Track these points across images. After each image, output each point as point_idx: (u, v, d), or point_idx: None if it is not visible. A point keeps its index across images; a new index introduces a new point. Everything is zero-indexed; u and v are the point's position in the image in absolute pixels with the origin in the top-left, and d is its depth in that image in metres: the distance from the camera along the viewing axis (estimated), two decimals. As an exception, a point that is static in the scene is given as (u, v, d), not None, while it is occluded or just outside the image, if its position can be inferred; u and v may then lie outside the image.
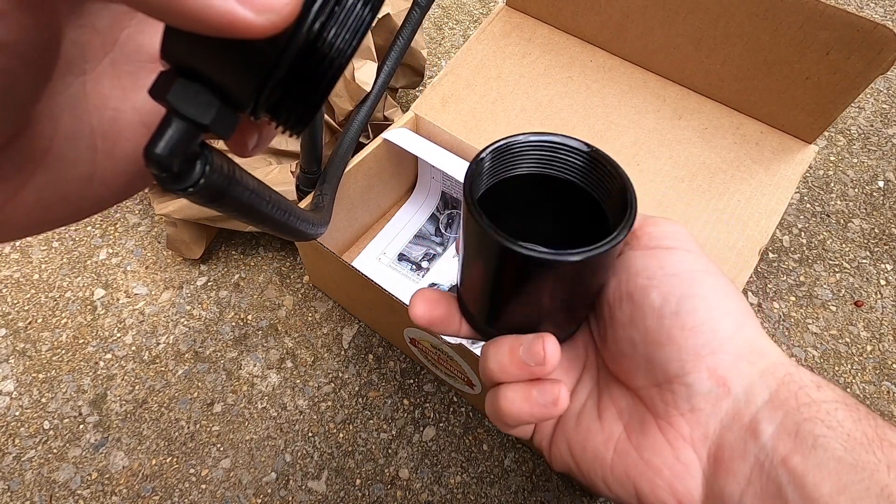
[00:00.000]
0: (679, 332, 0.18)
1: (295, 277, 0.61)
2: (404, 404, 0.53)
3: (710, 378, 0.18)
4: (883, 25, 0.43)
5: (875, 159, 0.73)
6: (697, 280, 0.19)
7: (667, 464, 0.19)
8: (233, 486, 0.49)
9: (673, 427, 0.19)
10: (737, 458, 0.17)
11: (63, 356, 0.55)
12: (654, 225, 0.21)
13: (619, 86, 0.59)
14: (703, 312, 0.19)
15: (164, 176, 0.14)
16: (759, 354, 0.19)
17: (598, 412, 0.22)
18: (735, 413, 0.18)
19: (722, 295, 0.19)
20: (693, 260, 0.20)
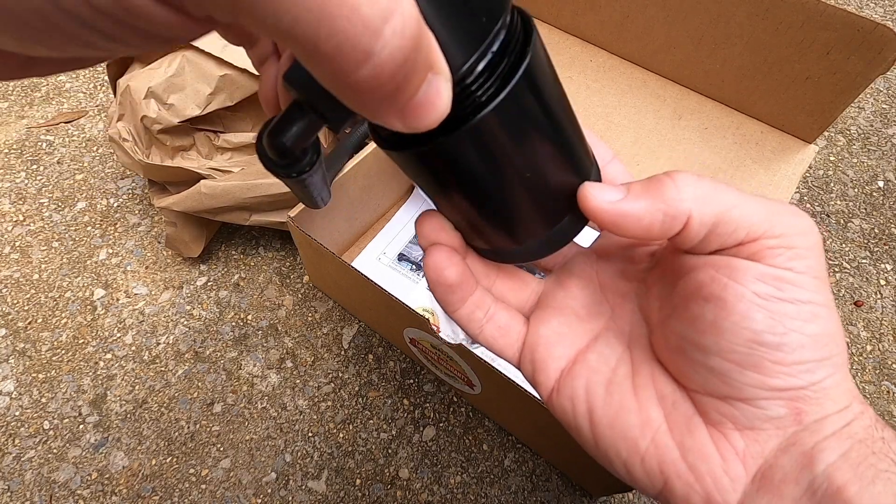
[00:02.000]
0: (772, 365, 0.16)
1: (295, 277, 0.61)
2: (404, 404, 0.53)
3: (784, 407, 0.17)
4: (883, 25, 0.43)
5: (875, 159, 0.73)
6: (814, 316, 0.17)
7: (712, 474, 0.17)
8: (233, 486, 0.49)
9: (726, 439, 0.17)
10: (789, 482, 0.16)
11: (63, 356, 0.55)
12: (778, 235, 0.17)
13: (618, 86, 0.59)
14: (807, 353, 0.16)
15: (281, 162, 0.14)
16: (844, 394, 0.17)
17: (634, 388, 0.20)
18: (798, 439, 0.17)
19: (831, 337, 0.17)
20: (817, 289, 0.17)
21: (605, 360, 0.21)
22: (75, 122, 0.72)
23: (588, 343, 0.21)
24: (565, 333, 0.21)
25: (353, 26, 0.09)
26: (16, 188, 0.66)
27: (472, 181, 0.16)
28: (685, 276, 0.18)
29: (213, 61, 0.51)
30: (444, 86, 0.12)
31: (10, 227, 0.63)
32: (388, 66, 0.10)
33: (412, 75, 0.11)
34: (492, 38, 0.13)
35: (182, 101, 0.51)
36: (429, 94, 0.11)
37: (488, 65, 0.14)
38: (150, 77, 0.51)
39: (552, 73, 0.16)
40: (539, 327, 0.22)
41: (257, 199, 0.52)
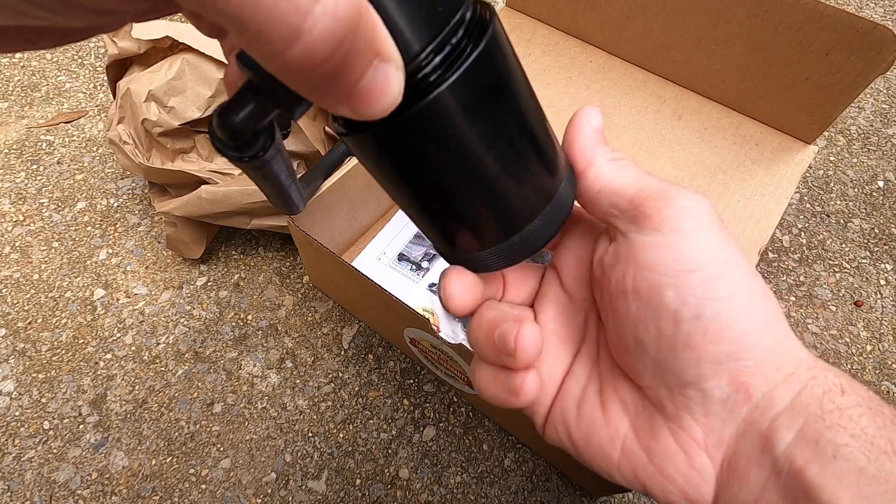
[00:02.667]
0: (699, 338, 0.16)
1: (295, 277, 0.61)
2: (404, 404, 0.53)
3: (729, 384, 0.17)
4: (883, 26, 0.43)
5: (875, 159, 0.73)
6: (722, 277, 0.17)
7: (680, 472, 0.17)
8: (233, 486, 0.49)
9: (685, 432, 0.18)
10: (752, 465, 0.16)
11: (63, 356, 0.55)
12: (666, 200, 0.17)
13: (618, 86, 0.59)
14: (727, 316, 0.16)
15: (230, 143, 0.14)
16: (786, 357, 0.17)
17: (602, 403, 0.20)
18: (753, 419, 0.17)
19: (749, 293, 0.17)
20: (716, 249, 0.17)
21: (577, 381, 0.21)
22: (75, 122, 0.72)
23: (568, 367, 0.21)
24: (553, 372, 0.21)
25: (279, 4, 0.09)
26: (16, 188, 0.66)
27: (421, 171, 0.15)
28: (606, 278, 0.19)
29: (213, 64, 0.51)
30: (394, 73, 0.11)
31: (10, 227, 0.63)
32: (320, 46, 0.10)
33: (353, 59, 0.10)
34: (451, 29, 0.13)
35: (182, 103, 0.51)
36: (376, 80, 0.11)
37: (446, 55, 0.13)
38: (150, 80, 0.51)
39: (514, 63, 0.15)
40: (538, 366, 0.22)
41: (258, 203, 0.52)
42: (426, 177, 0.16)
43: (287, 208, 0.21)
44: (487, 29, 0.14)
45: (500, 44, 0.14)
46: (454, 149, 0.15)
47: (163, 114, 0.51)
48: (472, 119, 0.14)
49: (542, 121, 0.17)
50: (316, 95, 0.11)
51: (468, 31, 0.14)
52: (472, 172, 0.16)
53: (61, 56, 0.79)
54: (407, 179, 0.16)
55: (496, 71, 0.14)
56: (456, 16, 0.13)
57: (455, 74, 0.13)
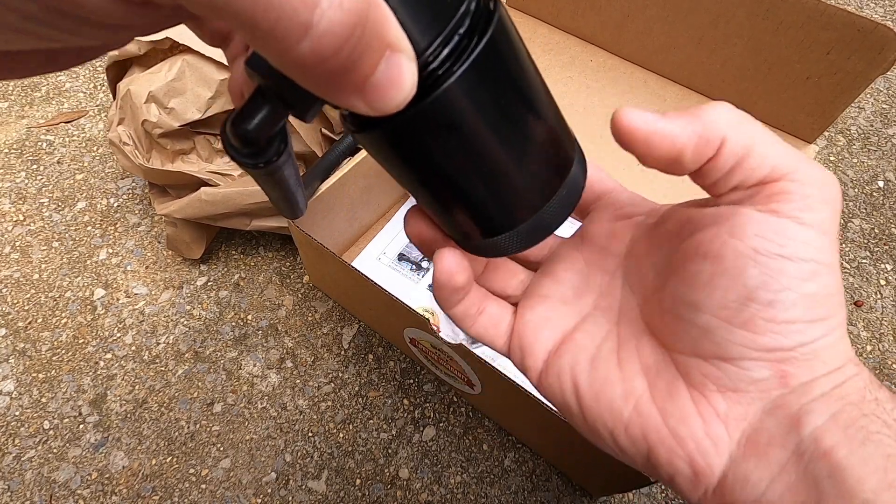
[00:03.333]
0: (764, 322, 0.16)
1: (295, 277, 0.61)
2: (404, 404, 0.53)
3: (769, 369, 0.16)
4: (883, 25, 0.43)
5: (875, 159, 0.73)
6: (815, 275, 0.16)
7: (693, 437, 0.17)
8: (233, 485, 0.49)
9: (707, 400, 0.17)
10: (775, 445, 0.16)
11: (63, 356, 0.55)
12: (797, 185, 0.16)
13: (619, 85, 0.59)
14: (799, 312, 0.16)
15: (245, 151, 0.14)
16: (835, 356, 0.17)
17: (619, 361, 0.19)
18: (784, 402, 0.16)
19: (828, 299, 0.16)
20: (820, 248, 0.16)
21: (591, 337, 0.21)
22: (75, 122, 0.72)
23: (576, 324, 0.21)
24: (552, 317, 0.21)
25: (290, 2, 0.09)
26: (16, 188, 0.66)
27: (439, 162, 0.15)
28: (688, 237, 0.18)
29: (213, 65, 0.51)
30: (407, 64, 0.11)
31: (10, 227, 0.63)
32: (329, 39, 0.10)
33: (364, 52, 0.10)
34: (458, 19, 0.13)
35: (182, 105, 0.51)
36: (389, 73, 0.11)
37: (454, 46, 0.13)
38: (150, 81, 0.51)
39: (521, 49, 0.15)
40: (525, 313, 0.22)
41: (257, 204, 0.52)
42: (441, 168, 0.16)
43: (292, 213, 0.21)
44: (493, 17, 0.14)
45: (506, 31, 0.14)
46: (468, 139, 0.15)
47: (163, 115, 0.51)
48: (485, 108, 0.14)
49: (551, 102, 0.17)
50: (329, 92, 0.11)
51: (475, 21, 0.13)
52: (486, 160, 0.16)
53: (61, 56, 0.79)
54: (422, 172, 0.16)
55: (504, 58, 0.14)
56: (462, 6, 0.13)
57: (464, 65, 0.13)
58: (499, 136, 0.15)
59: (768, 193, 0.16)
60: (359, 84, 0.11)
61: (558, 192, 0.18)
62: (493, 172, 0.16)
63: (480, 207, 0.17)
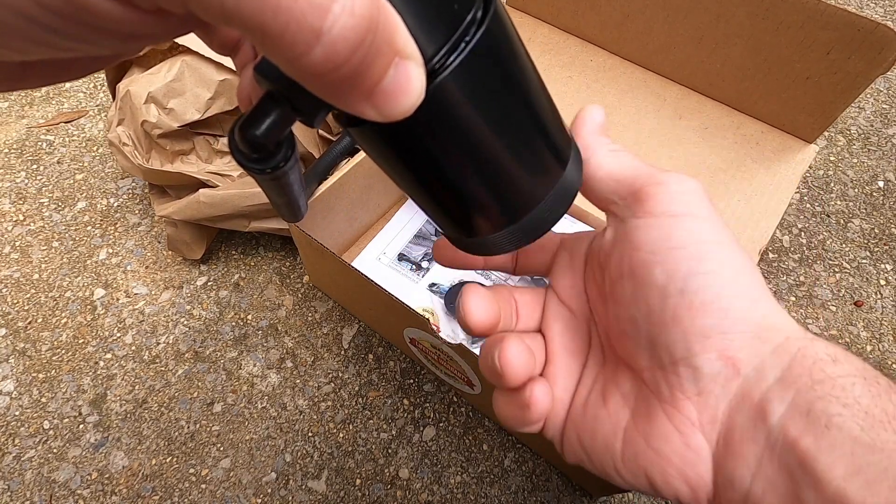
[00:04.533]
0: (685, 311, 0.17)
1: (295, 277, 0.61)
2: (404, 404, 0.53)
3: (718, 359, 0.17)
4: (884, 25, 0.43)
5: (875, 159, 0.73)
6: (707, 253, 0.17)
7: (676, 452, 0.18)
8: (233, 485, 0.49)
9: (680, 412, 0.18)
10: (747, 440, 0.16)
11: (63, 356, 0.55)
12: (659, 186, 0.18)
13: (619, 85, 0.59)
14: (712, 290, 0.17)
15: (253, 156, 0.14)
16: (773, 330, 0.17)
17: (604, 399, 0.20)
18: (744, 393, 0.17)
19: (734, 270, 0.17)
20: (703, 229, 0.18)
21: (585, 386, 0.22)
22: (75, 122, 0.72)
23: (579, 378, 0.22)
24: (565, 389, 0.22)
25: (298, 4, 0.09)
26: (16, 188, 0.66)
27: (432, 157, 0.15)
28: (606, 266, 0.20)
29: (212, 66, 0.51)
30: (415, 71, 0.11)
31: (10, 227, 0.63)
32: (341, 45, 0.10)
33: (374, 58, 0.10)
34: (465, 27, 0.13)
35: (182, 105, 0.51)
36: (398, 79, 0.11)
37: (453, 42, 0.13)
38: (149, 82, 0.51)
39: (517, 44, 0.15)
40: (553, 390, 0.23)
41: (256, 206, 0.52)
42: (437, 164, 0.16)
43: (293, 216, 0.21)
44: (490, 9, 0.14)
45: (502, 25, 0.14)
46: (463, 133, 0.15)
47: (162, 115, 0.51)
48: (480, 102, 0.14)
49: (548, 99, 0.17)
50: (339, 98, 0.11)
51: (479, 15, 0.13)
52: (481, 155, 0.16)
53: (61, 56, 0.79)
54: (417, 168, 0.16)
55: (500, 53, 0.14)
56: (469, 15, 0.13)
57: (458, 58, 0.13)
58: (494, 131, 0.15)
59: (638, 200, 0.19)
60: (368, 90, 0.11)
61: (555, 188, 0.18)
62: (488, 168, 0.16)
63: (475, 204, 0.17)
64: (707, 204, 0.19)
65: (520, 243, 0.19)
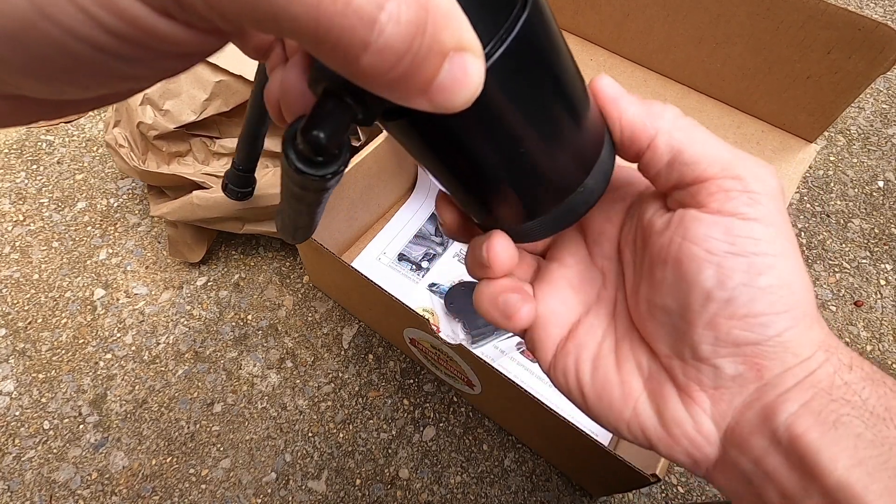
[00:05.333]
0: (724, 320, 0.16)
1: (295, 277, 0.61)
2: (404, 404, 0.53)
3: (743, 364, 0.17)
4: (884, 25, 0.43)
5: (875, 159, 0.73)
6: (767, 268, 0.16)
7: (686, 436, 0.18)
8: (233, 486, 0.49)
9: (694, 401, 0.18)
10: (754, 434, 0.17)
11: (63, 356, 0.55)
12: (736, 181, 0.17)
13: (619, 85, 0.58)
14: (758, 306, 0.16)
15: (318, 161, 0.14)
16: (806, 346, 0.17)
17: (617, 362, 0.20)
18: (761, 394, 0.17)
19: (788, 288, 0.16)
20: (770, 238, 0.16)
21: (593, 334, 0.21)
22: (75, 122, 0.72)
23: (580, 317, 0.22)
24: (559, 311, 0.22)
25: (348, 19, 0.09)
26: (16, 188, 0.66)
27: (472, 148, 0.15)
28: (650, 242, 0.19)
29: (208, 68, 0.51)
30: (473, 62, 0.11)
31: (10, 227, 0.63)
32: (388, 52, 0.10)
33: (424, 57, 0.11)
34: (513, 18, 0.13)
35: (178, 107, 0.51)
36: (453, 73, 0.11)
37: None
38: None
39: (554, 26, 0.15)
40: (537, 305, 0.22)
41: (249, 209, 0.52)
42: (475, 155, 0.15)
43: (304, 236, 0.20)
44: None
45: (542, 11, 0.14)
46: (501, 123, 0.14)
47: (158, 117, 0.51)
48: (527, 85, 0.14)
49: (583, 84, 0.17)
50: (394, 94, 0.11)
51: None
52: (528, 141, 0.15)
53: (61, 55, 0.79)
54: (454, 159, 0.16)
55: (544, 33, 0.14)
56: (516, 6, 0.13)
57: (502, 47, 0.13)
58: (535, 119, 0.15)
59: (709, 192, 0.17)
60: (423, 87, 0.11)
61: (592, 174, 0.18)
62: (535, 154, 0.16)
63: (513, 194, 0.17)
64: (781, 207, 0.17)
65: (552, 231, 0.19)
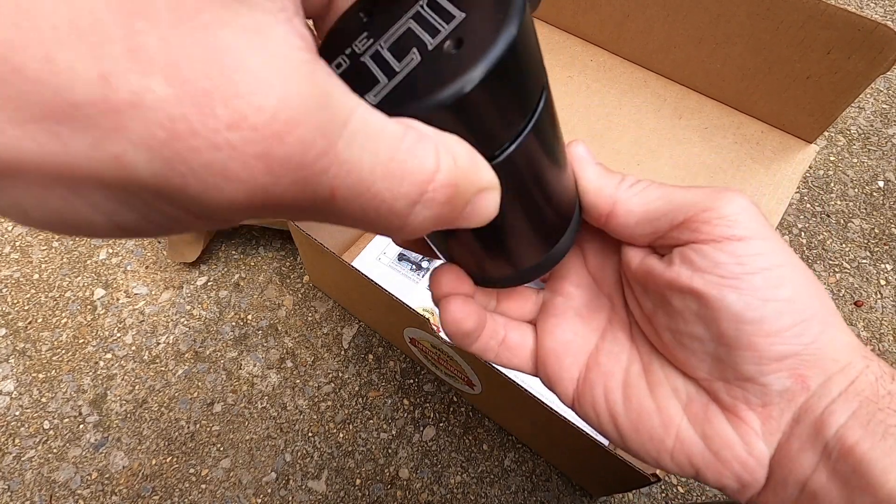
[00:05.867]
0: (762, 338, 0.17)
1: (295, 277, 0.61)
2: (404, 404, 0.53)
3: (789, 377, 0.17)
4: (884, 25, 0.43)
5: (875, 159, 0.73)
6: (782, 279, 0.17)
7: (737, 458, 0.18)
8: (233, 485, 0.49)
9: (742, 420, 0.18)
10: (804, 450, 0.17)
11: (63, 356, 0.55)
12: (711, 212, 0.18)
13: (619, 85, 0.58)
14: (788, 318, 0.17)
15: None
16: (842, 351, 0.17)
17: (650, 389, 0.20)
18: (809, 406, 0.17)
19: (807, 293, 0.17)
20: (773, 252, 0.17)
21: (616, 359, 0.21)
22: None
23: (596, 343, 0.21)
24: (571, 340, 0.21)
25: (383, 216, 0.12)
26: (16, 188, 0.66)
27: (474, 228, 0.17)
28: (652, 279, 0.19)
29: None
30: (491, 196, 0.14)
31: (11, 227, 0.63)
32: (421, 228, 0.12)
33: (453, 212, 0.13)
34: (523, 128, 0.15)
35: None
36: (476, 207, 0.13)
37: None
38: None
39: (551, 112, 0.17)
40: (545, 341, 0.22)
41: None
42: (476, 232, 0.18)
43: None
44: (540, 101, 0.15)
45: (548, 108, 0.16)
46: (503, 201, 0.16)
47: None
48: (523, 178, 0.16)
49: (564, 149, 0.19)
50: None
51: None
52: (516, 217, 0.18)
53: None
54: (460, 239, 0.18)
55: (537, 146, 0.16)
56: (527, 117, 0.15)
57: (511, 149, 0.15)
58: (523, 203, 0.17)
59: (693, 230, 0.18)
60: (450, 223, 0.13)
61: (570, 225, 0.20)
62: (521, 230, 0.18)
63: (505, 253, 0.19)
64: (763, 220, 0.18)
65: (536, 276, 0.21)
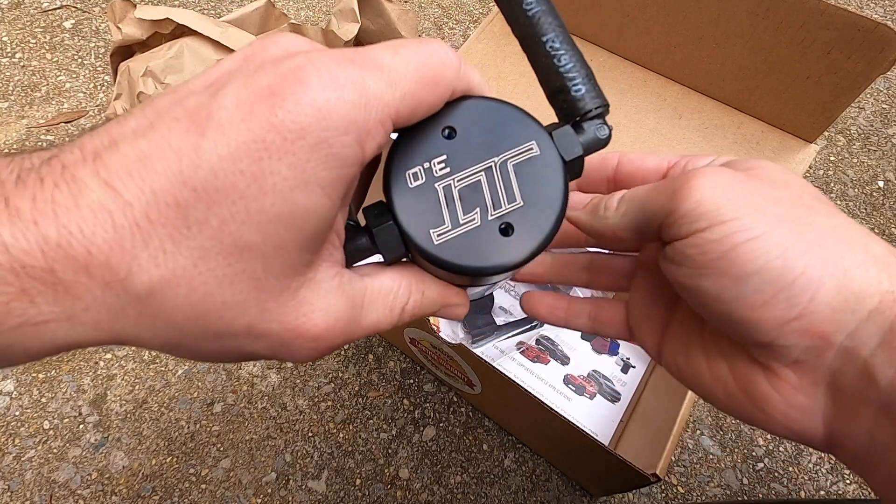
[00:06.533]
0: (750, 311, 0.17)
1: (295, 277, 0.61)
2: (404, 404, 0.53)
3: (804, 336, 0.17)
4: (884, 25, 0.43)
5: (875, 159, 0.73)
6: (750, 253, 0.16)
7: (779, 411, 0.18)
8: (233, 485, 0.49)
9: (780, 377, 0.18)
10: (858, 403, 0.17)
11: (63, 356, 0.55)
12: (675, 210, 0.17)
13: (619, 85, 0.58)
14: (768, 287, 0.16)
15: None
16: (860, 296, 0.16)
17: (704, 353, 0.21)
18: (845, 359, 0.17)
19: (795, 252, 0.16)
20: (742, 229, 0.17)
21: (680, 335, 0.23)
22: (75, 122, 0.72)
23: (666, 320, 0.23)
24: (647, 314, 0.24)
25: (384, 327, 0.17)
26: (16, 188, 0.66)
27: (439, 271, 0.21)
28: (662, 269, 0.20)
29: (210, 46, 0.52)
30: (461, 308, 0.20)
31: (10, 227, 0.63)
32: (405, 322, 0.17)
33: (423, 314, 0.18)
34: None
35: (179, 81, 0.52)
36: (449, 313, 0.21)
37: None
38: (149, 59, 0.53)
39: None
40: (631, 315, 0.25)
41: None
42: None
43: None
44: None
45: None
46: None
47: (159, 90, 0.52)
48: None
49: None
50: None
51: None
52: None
53: (61, 56, 0.79)
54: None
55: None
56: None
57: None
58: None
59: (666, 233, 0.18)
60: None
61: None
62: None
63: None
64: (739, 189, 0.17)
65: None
